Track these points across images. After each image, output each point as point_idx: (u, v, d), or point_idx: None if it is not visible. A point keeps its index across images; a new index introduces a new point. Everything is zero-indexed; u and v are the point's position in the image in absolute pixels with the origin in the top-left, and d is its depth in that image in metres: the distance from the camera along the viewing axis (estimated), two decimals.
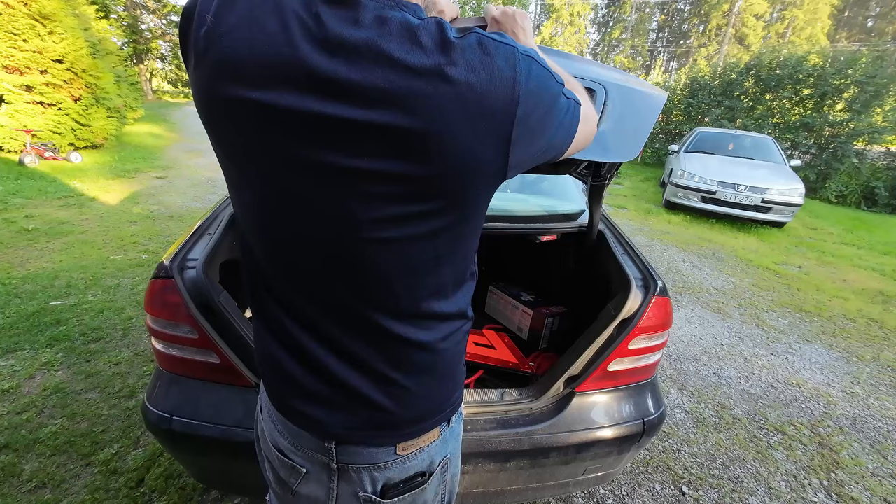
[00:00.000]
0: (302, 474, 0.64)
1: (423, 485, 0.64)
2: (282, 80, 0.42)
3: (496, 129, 0.45)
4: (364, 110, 0.42)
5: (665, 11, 34.51)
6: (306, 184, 0.46)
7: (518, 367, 1.58)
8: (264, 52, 0.42)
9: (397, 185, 0.45)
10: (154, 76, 24.80)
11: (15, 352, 2.19)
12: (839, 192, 9.25)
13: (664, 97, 0.82)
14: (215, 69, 0.44)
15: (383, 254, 0.50)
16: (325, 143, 0.44)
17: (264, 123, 0.44)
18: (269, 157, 0.46)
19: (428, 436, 0.63)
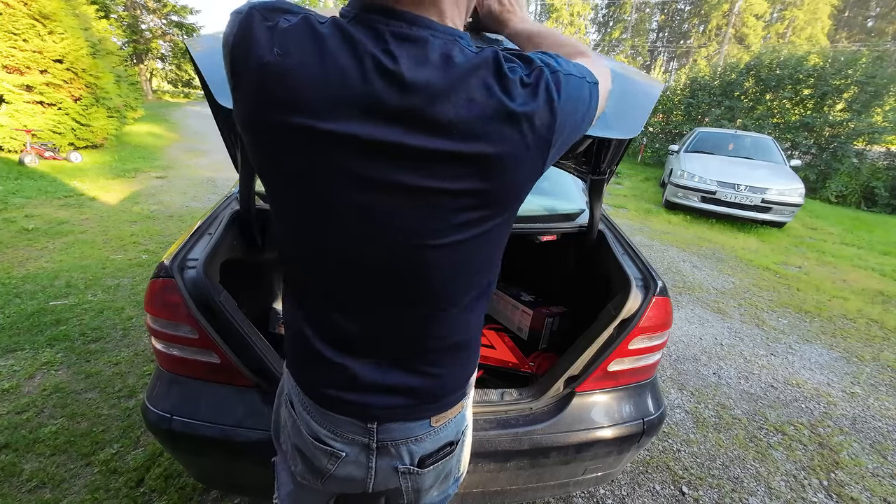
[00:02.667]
0: (341, 458, 0.68)
1: (451, 453, 0.72)
2: (356, 113, 0.47)
3: (543, 144, 0.52)
4: (435, 139, 0.48)
5: (665, 11, 34.50)
6: (376, 199, 0.51)
7: (518, 367, 1.58)
8: (338, 86, 0.46)
9: (465, 199, 0.52)
10: (154, 76, 24.80)
11: (15, 351, 2.19)
12: (839, 192, 9.25)
13: (662, 86, 0.89)
14: (281, 100, 0.47)
15: (446, 256, 0.55)
16: (397, 167, 0.49)
17: (335, 150, 0.48)
18: (337, 178, 0.50)
19: (455, 408, 0.70)
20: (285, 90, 0.46)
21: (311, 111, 0.47)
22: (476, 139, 0.48)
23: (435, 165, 0.49)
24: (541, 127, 0.51)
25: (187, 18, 22.95)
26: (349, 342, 0.62)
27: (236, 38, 0.48)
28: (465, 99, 0.47)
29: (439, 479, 0.74)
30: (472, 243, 0.56)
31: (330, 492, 0.79)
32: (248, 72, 0.48)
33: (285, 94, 0.47)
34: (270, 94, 0.47)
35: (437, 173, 0.49)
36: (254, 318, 1.31)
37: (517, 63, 0.51)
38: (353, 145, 0.48)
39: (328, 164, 0.49)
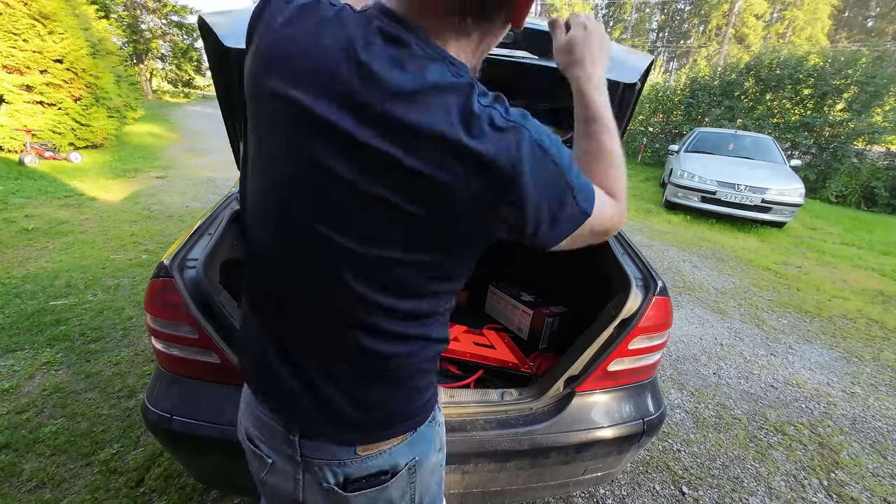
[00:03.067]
0: (268, 465, 0.68)
1: (385, 483, 0.65)
2: (321, 91, 0.47)
3: (485, 201, 0.49)
4: (381, 139, 0.46)
5: (665, 11, 34.51)
6: (306, 175, 0.50)
7: (518, 367, 1.58)
8: (314, 61, 0.47)
9: (390, 213, 0.49)
10: (154, 76, 24.79)
11: (15, 351, 2.19)
12: (839, 192, 9.25)
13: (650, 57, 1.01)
14: (268, 63, 0.50)
15: (360, 264, 0.53)
16: (338, 152, 0.48)
17: (294, 120, 0.49)
18: (285, 147, 0.51)
19: (390, 441, 0.65)
20: (274, 55, 0.50)
21: (287, 78, 0.48)
22: (417, 154, 0.46)
23: (372, 165, 0.47)
24: (489, 181, 0.47)
25: (187, 18, 22.96)
26: (280, 338, 0.61)
27: (260, 4, 0.53)
28: (424, 112, 0.45)
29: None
30: (393, 262, 0.52)
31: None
32: (257, 35, 0.52)
33: (272, 59, 0.50)
34: (263, 57, 0.50)
35: (371, 173, 0.48)
36: None
37: (498, 107, 0.48)
38: (308, 118, 0.48)
39: (283, 130, 0.50)
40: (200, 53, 24.92)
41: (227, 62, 1.07)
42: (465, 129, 0.45)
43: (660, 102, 13.21)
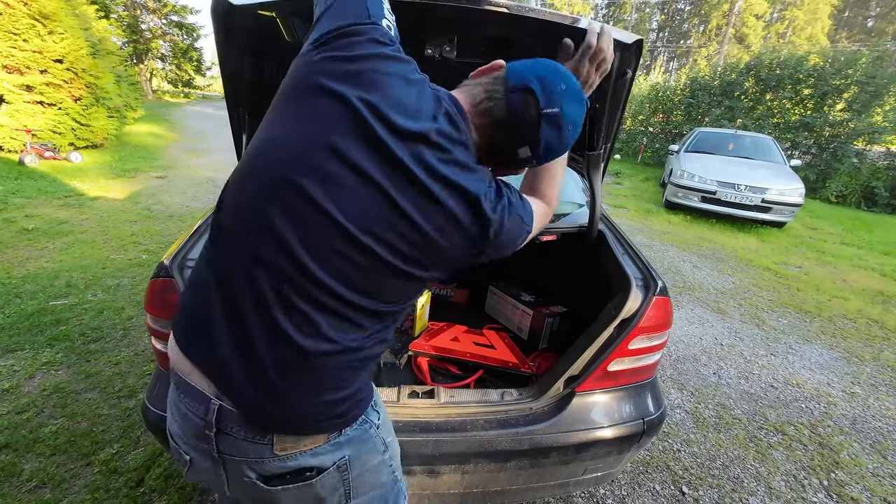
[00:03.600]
0: (188, 462, 0.68)
1: (311, 479, 0.65)
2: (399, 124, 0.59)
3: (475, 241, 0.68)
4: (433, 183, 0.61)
5: (665, 11, 34.50)
6: (346, 175, 0.58)
7: (518, 367, 1.58)
8: (408, 102, 0.60)
9: (405, 225, 0.61)
10: (154, 76, 24.77)
11: (15, 351, 2.19)
12: (839, 192, 9.25)
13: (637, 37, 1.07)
14: (353, 78, 0.59)
15: (359, 253, 0.59)
16: (389, 175, 0.59)
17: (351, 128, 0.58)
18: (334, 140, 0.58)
19: (309, 441, 0.64)
20: (369, 79, 0.59)
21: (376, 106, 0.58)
22: (445, 190, 0.62)
23: (411, 189, 0.60)
24: (486, 230, 0.66)
25: (187, 18, 22.96)
26: (235, 302, 0.60)
27: (367, 23, 0.63)
28: (470, 180, 0.64)
29: (305, 502, 0.67)
30: (386, 268, 0.61)
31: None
32: (371, 47, 0.61)
33: (365, 79, 0.59)
34: (349, 71, 0.59)
35: (407, 195, 0.60)
36: None
37: (503, 193, 0.70)
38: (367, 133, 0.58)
39: (343, 134, 0.58)
40: (200, 53, 24.94)
41: (231, 21, 1.05)
42: (487, 200, 0.66)
43: (660, 102, 13.22)
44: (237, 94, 1.23)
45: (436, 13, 0.97)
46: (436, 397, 1.22)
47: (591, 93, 0.85)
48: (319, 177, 0.57)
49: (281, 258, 0.57)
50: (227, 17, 1.03)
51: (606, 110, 1.31)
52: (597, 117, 1.35)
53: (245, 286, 0.58)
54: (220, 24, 1.04)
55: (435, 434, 1.12)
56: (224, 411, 0.62)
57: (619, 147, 13.43)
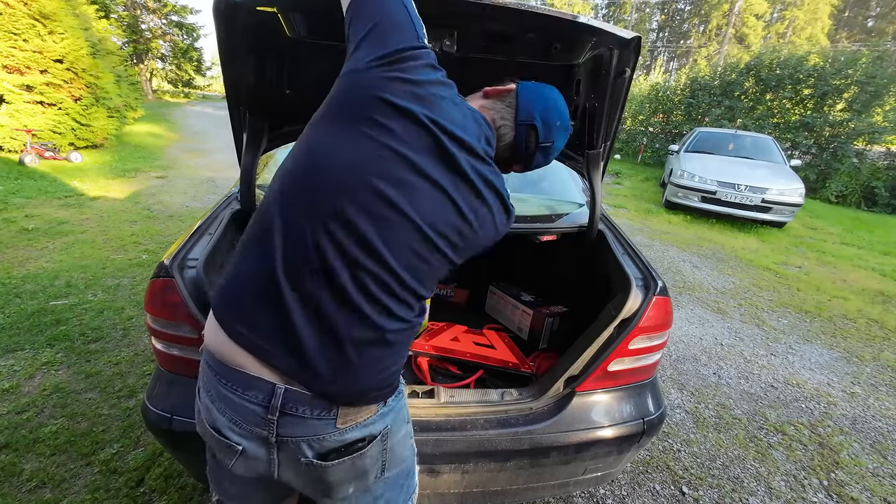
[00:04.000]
0: (238, 452, 0.69)
1: (361, 450, 0.71)
2: (457, 137, 0.70)
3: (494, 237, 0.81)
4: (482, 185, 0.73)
5: (665, 11, 34.50)
6: (417, 181, 0.67)
7: (518, 367, 1.58)
8: (462, 122, 0.72)
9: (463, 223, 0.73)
10: (154, 76, 24.76)
11: (15, 351, 2.19)
12: (839, 192, 9.25)
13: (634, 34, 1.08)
14: (418, 99, 0.68)
15: (426, 248, 0.69)
16: (451, 180, 0.70)
17: (425, 137, 0.68)
18: (408, 152, 0.67)
19: (366, 411, 0.71)
20: (428, 98, 0.69)
21: (436, 116, 0.69)
22: (488, 190, 0.75)
23: (467, 190, 0.72)
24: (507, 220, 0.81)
25: (187, 18, 22.96)
26: (306, 289, 0.65)
27: (422, 46, 0.72)
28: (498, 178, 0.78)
29: (352, 476, 0.73)
30: (438, 257, 0.72)
31: (272, 486, 0.81)
32: (429, 72, 0.71)
33: (428, 100, 0.69)
34: (415, 93, 0.68)
35: (464, 195, 0.71)
36: None
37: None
38: (437, 146, 0.69)
39: (413, 141, 0.67)
40: (201, 53, 24.93)
41: (232, 19, 1.05)
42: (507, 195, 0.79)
43: (660, 102, 13.22)
44: (238, 93, 1.23)
45: (436, 8, 0.98)
46: (436, 397, 1.22)
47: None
48: (395, 182, 0.66)
49: (358, 251, 0.65)
50: (229, 15, 1.03)
51: (605, 109, 1.31)
52: (596, 116, 1.35)
53: (322, 279, 0.65)
54: (222, 22, 1.04)
55: (435, 433, 1.12)
56: (290, 393, 0.66)
57: (619, 147, 13.43)
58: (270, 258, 0.65)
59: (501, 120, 0.81)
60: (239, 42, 1.11)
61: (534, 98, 0.83)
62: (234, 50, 1.12)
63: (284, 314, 0.65)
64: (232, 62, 1.14)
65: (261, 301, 0.66)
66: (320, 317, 0.65)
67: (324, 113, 0.70)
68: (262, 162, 1.53)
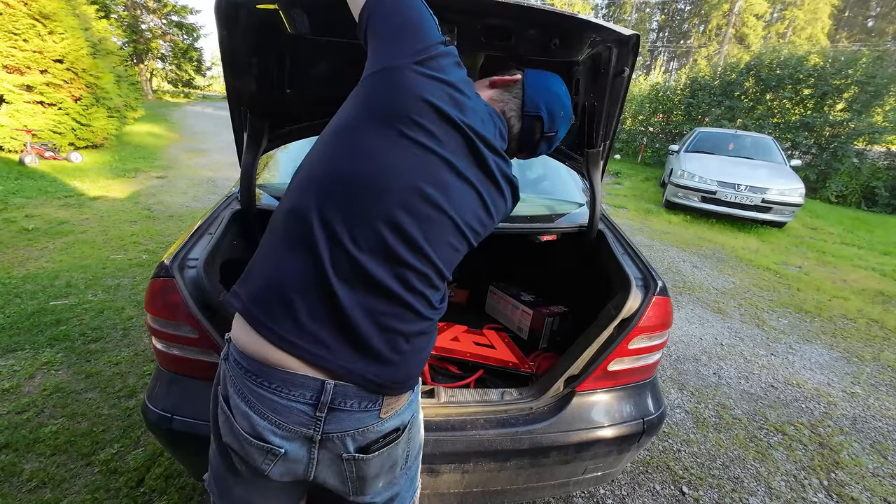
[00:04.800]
0: (279, 455, 0.68)
1: (397, 439, 0.74)
2: (481, 135, 0.73)
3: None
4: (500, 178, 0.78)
5: (665, 11, 34.50)
6: (453, 180, 0.71)
7: (518, 366, 1.58)
8: (488, 128, 0.76)
9: (486, 215, 0.78)
10: (154, 76, 24.75)
11: (15, 351, 2.20)
12: (839, 192, 9.25)
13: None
14: (452, 100, 0.70)
15: (459, 240, 0.75)
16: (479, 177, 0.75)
17: (459, 139, 0.71)
18: (446, 154, 0.70)
19: (403, 398, 0.75)
20: (459, 100, 0.71)
21: (465, 116, 0.71)
22: (504, 181, 0.79)
23: (490, 184, 0.77)
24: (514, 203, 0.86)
25: (187, 18, 22.96)
26: (358, 282, 0.67)
27: (447, 45, 0.74)
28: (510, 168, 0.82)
29: (385, 468, 0.75)
30: (466, 246, 0.77)
31: (292, 491, 0.82)
32: (457, 70, 0.73)
33: (458, 101, 0.71)
34: (451, 95, 0.70)
35: (487, 189, 0.76)
36: None
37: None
38: (470, 145, 0.73)
39: (449, 144, 0.70)
40: (201, 53, 24.93)
41: (233, 17, 1.04)
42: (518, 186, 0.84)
43: (660, 102, 13.21)
44: (239, 93, 1.23)
45: (437, 2, 0.99)
46: (436, 397, 1.22)
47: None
48: (436, 182, 0.69)
49: (406, 251, 0.68)
50: (230, 14, 1.03)
51: (605, 108, 1.31)
52: (595, 115, 1.35)
53: (371, 279, 0.67)
54: (223, 22, 1.04)
55: (435, 433, 1.12)
56: (339, 388, 0.67)
57: (619, 147, 13.42)
58: (318, 262, 0.65)
59: (510, 112, 0.84)
60: (240, 42, 1.11)
61: (539, 89, 0.85)
62: (236, 50, 1.12)
63: (336, 316, 0.66)
64: (233, 62, 1.14)
65: (308, 304, 0.66)
66: (371, 315, 0.67)
67: (358, 113, 0.69)
68: (262, 162, 1.52)
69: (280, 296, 0.67)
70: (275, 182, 1.84)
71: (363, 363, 0.67)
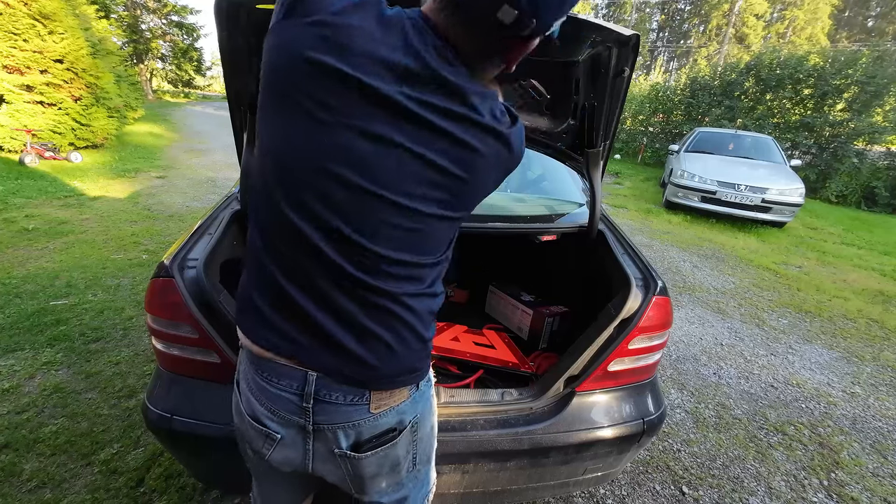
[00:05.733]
0: (276, 440, 0.70)
1: (394, 440, 0.71)
2: (388, 75, 0.56)
3: (505, 168, 0.69)
4: (437, 116, 0.59)
5: (665, 11, 34.50)
6: (370, 149, 0.58)
7: (518, 367, 1.58)
8: (383, 50, 0.56)
9: (440, 175, 0.61)
10: (154, 76, 24.74)
11: (15, 351, 2.20)
12: (839, 192, 9.24)
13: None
14: (331, 44, 0.55)
15: (408, 218, 0.62)
16: (398, 128, 0.58)
17: (358, 98, 0.56)
18: (351, 121, 0.57)
19: (398, 395, 0.70)
20: (341, 38, 0.55)
21: (354, 62, 0.55)
22: (469, 133, 0.61)
23: (435, 140, 0.59)
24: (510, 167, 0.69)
25: (187, 18, 22.95)
26: (305, 279, 0.63)
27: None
28: (476, 108, 0.61)
29: (385, 469, 0.73)
30: (428, 220, 0.64)
31: (298, 482, 0.84)
32: (316, 12, 0.56)
33: (340, 42, 0.55)
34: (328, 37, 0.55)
35: (426, 143, 0.59)
36: None
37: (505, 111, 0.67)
38: (375, 98, 0.56)
39: (345, 107, 0.57)
40: (201, 53, 24.92)
41: (234, 18, 1.05)
42: (495, 120, 0.63)
43: (660, 102, 13.20)
44: (240, 93, 1.23)
45: None
46: (435, 397, 1.22)
47: None
48: (347, 158, 0.59)
49: (331, 248, 0.62)
50: (231, 15, 1.03)
51: (605, 108, 1.31)
52: (595, 115, 1.35)
53: (314, 271, 0.63)
54: (223, 22, 1.04)
55: None
56: (322, 380, 0.66)
57: (619, 147, 13.42)
58: (265, 263, 0.65)
59: (442, 9, 0.59)
60: (240, 42, 1.11)
61: None
62: (236, 50, 1.12)
63: (294, 311, 0.65)
64: (233, 62, 1.14)
65: (270, 304, 0.66)
66: (327, 306, 0.64)
67: (262, 100, 0.62)
68: None
69: (248, 302, 0.69)
70: None
71: (336, 359, 0.66)
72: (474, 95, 0.60)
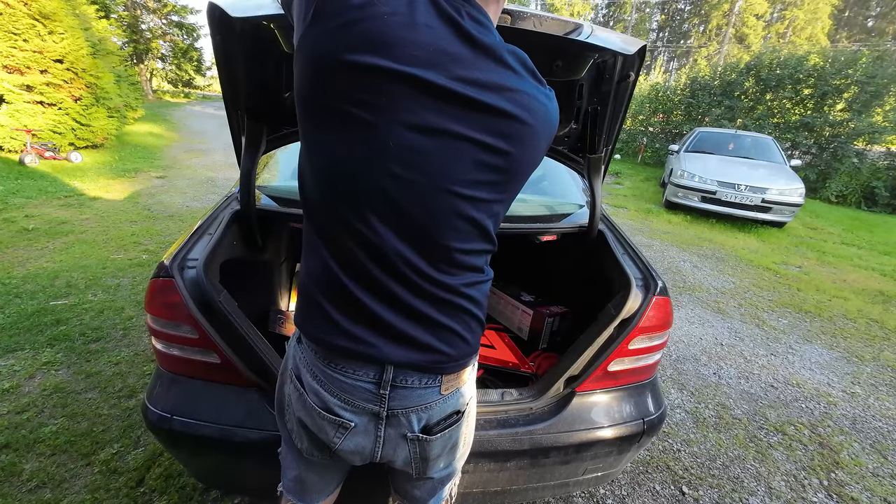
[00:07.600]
0: (350, 429, 0.71)
1: (458, 421, 0.76)
2: (434, 64, 0.54)
3: (546, 141, 0.67)
4: (484, 92, 0.57)
5: (665, 11, 34.50)
6: (423, 142, 0.57)
7: (518, 367, 1.58)
8: (422, 37, 0.54)
9: (492, 156, 0.60)
10: (154, 76, 24.72)
11: (15, 351, 2.20)
12: (839, 192, 9.24)
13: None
14: (364, 41, 0.53)
15: (465, 206, 0.61)
16: (446, 113, 0.56)
17: (403, 90, 0.54)
18: (399, 116, 0.55)
19: (463, 375, 0.74)
20: (371, 32, 0.52)
21: (393, 54, 0.53)
22: (515, 105, 0.59)
23: (476, 115, 0.57)
24: (552, 133, 0.67)
25: (187, 18, 22.95)
26: (374, 283, 0.64)
27: None
28: (519, 81, 0.60)
29: (446, 449, 0.77)
30: (484, 205, 0.63)
31: (338, 468, 0.85)
32: (339, 12, 0.53)
33: (372, 37, 0.53)
34: (359, 35, 0.53)
35: (475, 124, 0.57)
36: (254, 318, 1.31)
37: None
38: (419, 88, 0.55)
39: (389, 102, 0.55)
40: (201, 53, 24.91)
41: (228, 27, 1.05)
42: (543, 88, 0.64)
43: (660, 102, 13.21)
44: (236, 97, 1.23)
45: None
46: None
47: None
48: (397, 157, 0.58)
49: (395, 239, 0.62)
50: (225, 22, 1.03)
51: (608, 113, 1.31)
52: (598, 120, 1.35)
53: (375, 271, 0.63)
54: (218, 29, 1.04)
55: None
56: (398, 370, 0.68)
57: (619, 147, 13.43)
58: (330, 266, 0.65)
59: None
60: (235, 48, 1.10)
61: None
62: (231, 56, 1.12)
63: (366, 314, 0.65)
64: (228, 68, 1.14)
65: (340, 310, 0.66)
66: (399, 306, 0.65)
67: (300, 124, 0.62)
68: (261, 162, 1.52)
69: (312, 301, 0.69)
70: (274, 183, 1.84)
71: (411, 353, 0.68)
72: (505, 52, 0.59)
